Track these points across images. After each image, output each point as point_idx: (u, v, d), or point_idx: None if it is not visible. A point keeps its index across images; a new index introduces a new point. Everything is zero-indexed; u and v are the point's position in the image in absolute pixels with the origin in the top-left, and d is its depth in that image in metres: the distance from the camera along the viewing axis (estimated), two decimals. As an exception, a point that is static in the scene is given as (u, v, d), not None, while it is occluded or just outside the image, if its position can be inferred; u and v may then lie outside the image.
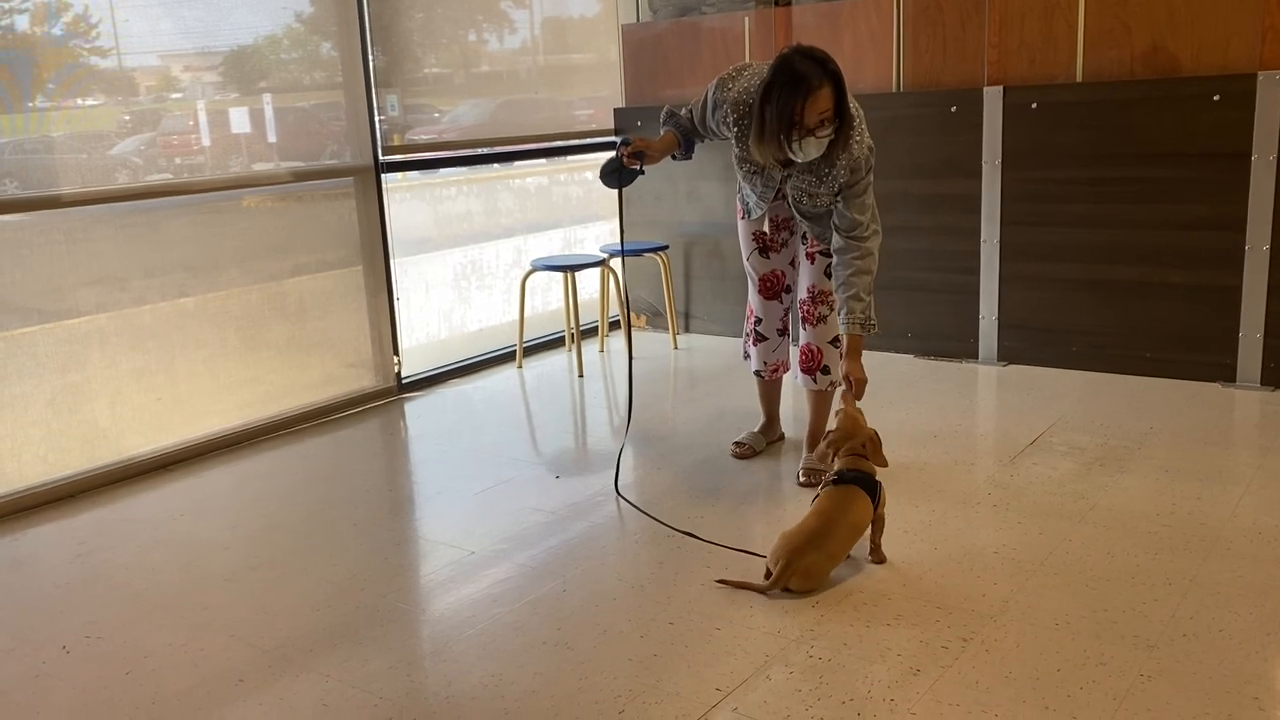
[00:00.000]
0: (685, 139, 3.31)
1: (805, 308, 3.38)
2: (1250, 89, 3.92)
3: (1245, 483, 3.16)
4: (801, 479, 3.38)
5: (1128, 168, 4.21)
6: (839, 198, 3.09)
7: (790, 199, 3.20)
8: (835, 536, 2.63)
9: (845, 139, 2.96)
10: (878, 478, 2.77)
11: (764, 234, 3.41)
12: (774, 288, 3.47)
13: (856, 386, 3.02)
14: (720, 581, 2.66)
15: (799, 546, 2.59)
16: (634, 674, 2.29)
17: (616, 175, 3.29)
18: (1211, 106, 4.01)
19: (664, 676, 2.27)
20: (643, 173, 3.30)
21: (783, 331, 3.54)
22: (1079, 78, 4.33)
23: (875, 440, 2.82)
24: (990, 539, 2.87)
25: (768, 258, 3.44)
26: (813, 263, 3.34)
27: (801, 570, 2.58)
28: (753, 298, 3.53)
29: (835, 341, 3.36)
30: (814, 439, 3.49)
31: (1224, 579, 2.57)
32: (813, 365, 3.40)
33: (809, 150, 2.94)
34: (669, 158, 3.34)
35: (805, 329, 3.40)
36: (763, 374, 3.60)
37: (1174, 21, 4.10)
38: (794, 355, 3.66)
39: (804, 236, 3.37)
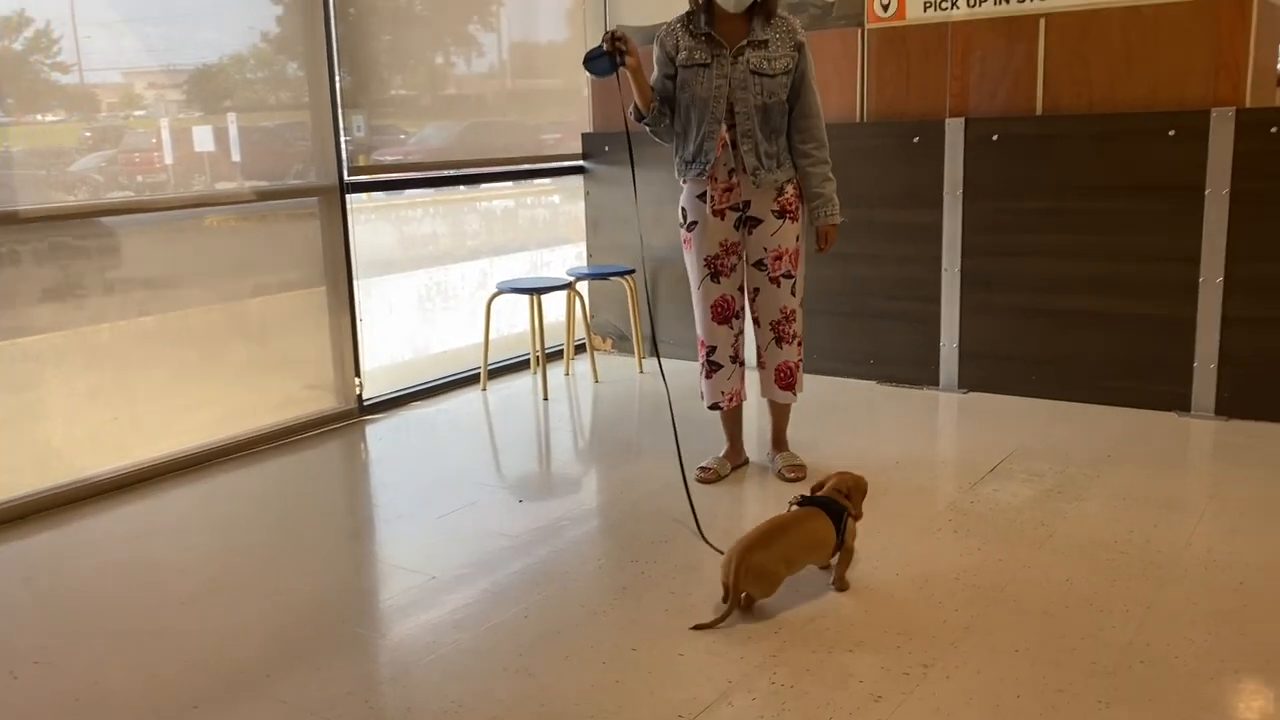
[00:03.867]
0: (660, 99, 3.45)
1: (780, 328, 3.51)
2: (1204, 125, 4.01)
3: (1200, 511, 3.21)
4: (789, 475, 3.57)
5: (1086, 200, 4.29)
6: (794, 83, 3.37)
7: (748, 67, 3.31)
8: (786, 539, 2.64)
9: None
10: (853, 518, 2.80)
11: (714, 259, 3.46)
12: (725, 313, 3.52)
13: (832, 241, 3.49)
14: (696, 628, 2.58)
15: (747, 545, 2.60)
16: (596, 700, 2.27)
17: (601, 60, 3.37)
18: (1166, 141, 4.10)
19: (626, 703, 2.26)
20: (622, 64, 3.35)
21: (735, 358, 3.58)
22: (1039, 111, 4.41)
23: (862, 487, 2.86)
24: (951, 565, 2.89)
25: (718, 283, 3.49)
26: (778, 286, 3.47)
27: (752, 569, 2.57)
28: (702, 328, 3.57)
29: (799, 352, 3.59)
30: (779, 440, 3.71)
31: (1180, 606, 2.61)
32: (790, 381, 3.58)
33: None
34: (646, 120, 3.45)
35: (782, 347, 3.53)
36: (720, 405, 3.63)
37: (1130, 58, 4.20)
38: (753, 380, 3.69)
39: (761, 264, 3.45)
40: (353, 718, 2.24)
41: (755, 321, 3.56)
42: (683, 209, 3.51)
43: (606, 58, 3.36)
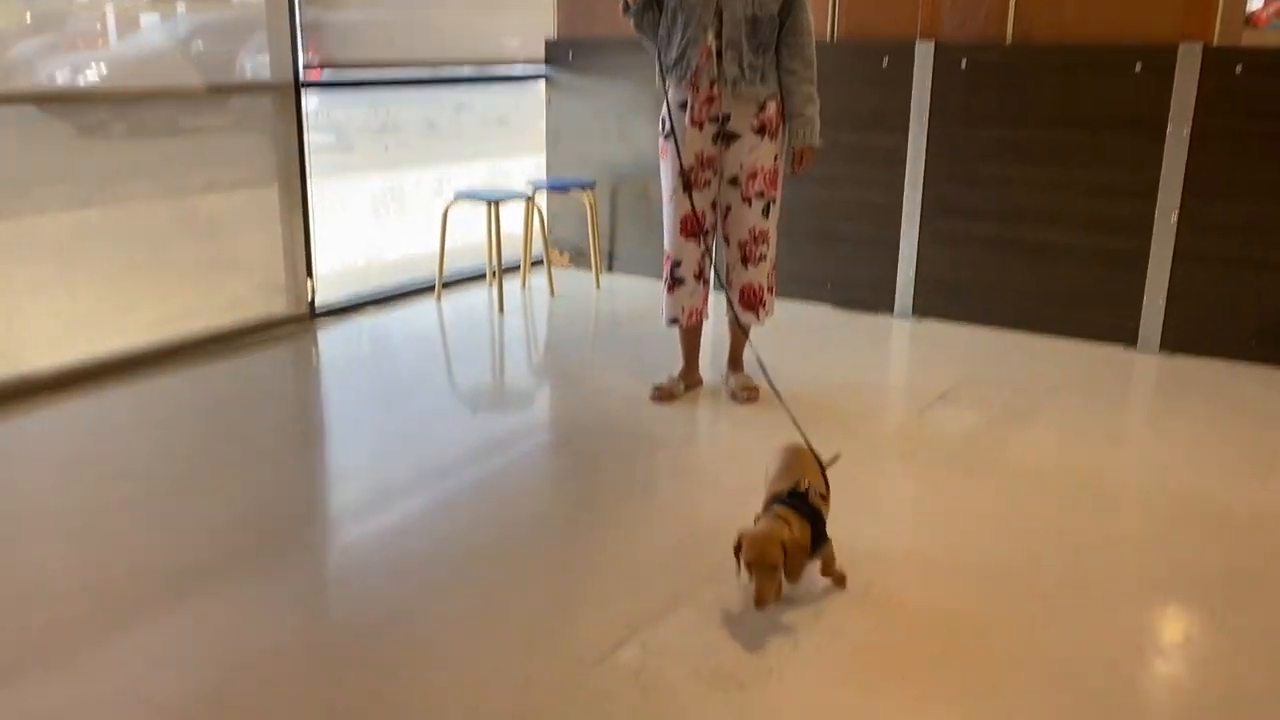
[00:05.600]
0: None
1: (748, 248, 3.47)
2: (1170, 60, 4.01)
3: (1139, 443, 3.29)
4: (742, 396, 3.58)
5: (1050, 130, 4.29)
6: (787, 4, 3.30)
7: None
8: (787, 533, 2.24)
9: None
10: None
11: (689, 170, 3.40)
12: (694, 228, 3.48)
13: (807, 164, 3.47)
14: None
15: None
16: (545, 608, 2.30)
17: None
18: (1133, 75, 4.09)
19: (575, 611, 2.29)
20: None
21: (699, 276, 3.55)
22: (1009, 39, 4.37)
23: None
24: (896, 488, 2.95)
25: (690, 196, 3.44)
26: (750, 205, 3.43)
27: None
28: (670, 241, 3.54)
29: (770, 276, 3.55)
30: (735, 361, 3.72)
31: (1115, 534, 2.69)
32: (754, 301, 3.55)
33: None
34: (631, 11, 3.36)
35: (748, 268, 3.50)
36: (679, 321, 3.61)
37: (1103, -11, 4.17)
38: (716, 301, 3.68)
39: (735, 180, 3.40)
40: (299, 620, 2.25)
41: (725, 240, 3.54)
42: (662, 118, 3.46)
43: None
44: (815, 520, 2.29)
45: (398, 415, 3.48)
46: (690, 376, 3.74)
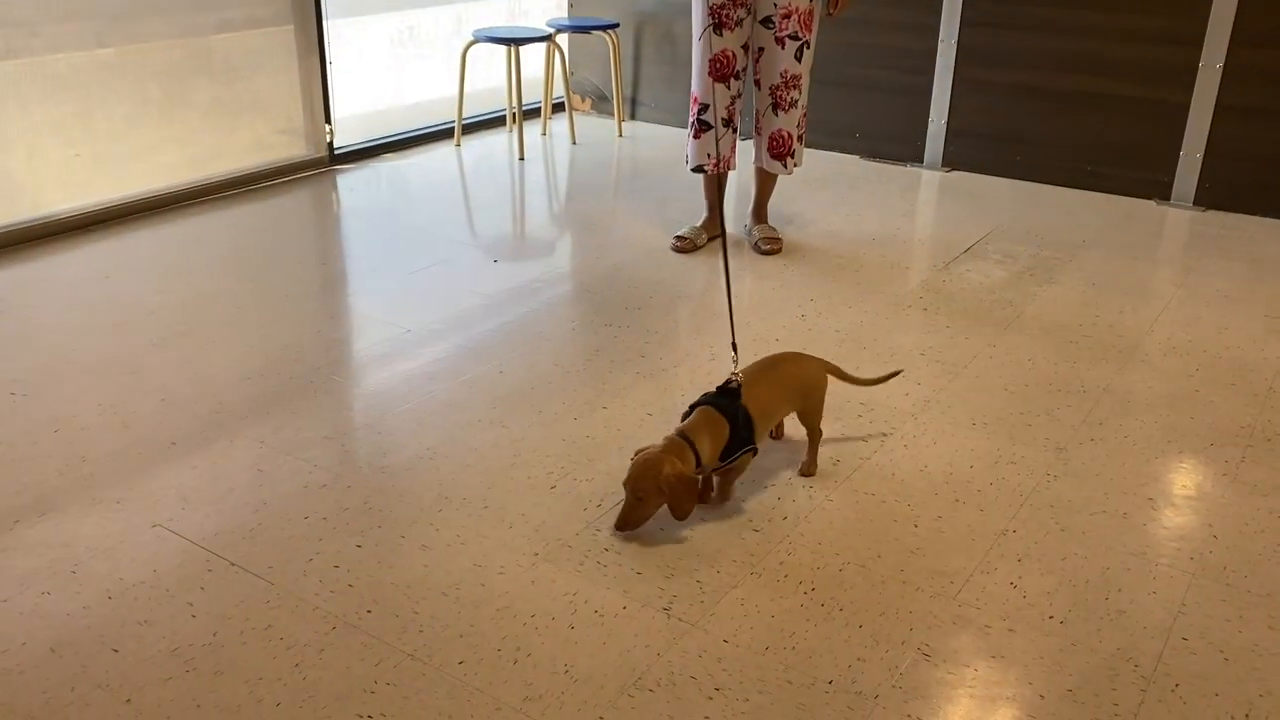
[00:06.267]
0: None
1: (779, 93, 3.38)
2: (1229, -104, 3.79)
3: (1166, 299, 3.25)
4: (765, 248, 3.56)
5: (1095, -27, 4.09)
6: None
7: None
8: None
9: None
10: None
11: (720, 8, 3.28)
12: (724, 70, 3.37)
13: (844, 6, 3.40)
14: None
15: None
16: (566, 453, 2.35)
17: None
18: (1188, -88, 3.87)
19: (596, 456, 2.33)
20: None
21: (728, 122, 3.46)
22: None
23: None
24: (917, 341, 2.94)
25: (720, 35, 3.33)
26: (783, 47, 3.32)
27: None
28: (698, 84, 3.44)
29: (800, 124, 3.46)
30: (760, 211, 3.68)
31: (1135, 389, 2.69)
32: (783, 150, 3.47)
33: None
34: None
35: (779, 114, 3.42)
36: (705, 168, 3.55)
37: None
38: (744, 151, 3.61)
39: (769, 21, 3.29)
40: (329, 459, 2.30)
41: (756, 84, 3.44)
42: None
43: None
44: (738, 423, 2.06)
45: (419, 261, 3.47)
46: (713, 227, 3.70)
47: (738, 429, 2.07)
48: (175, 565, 1.95)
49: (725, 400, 2.09)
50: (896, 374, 2.51)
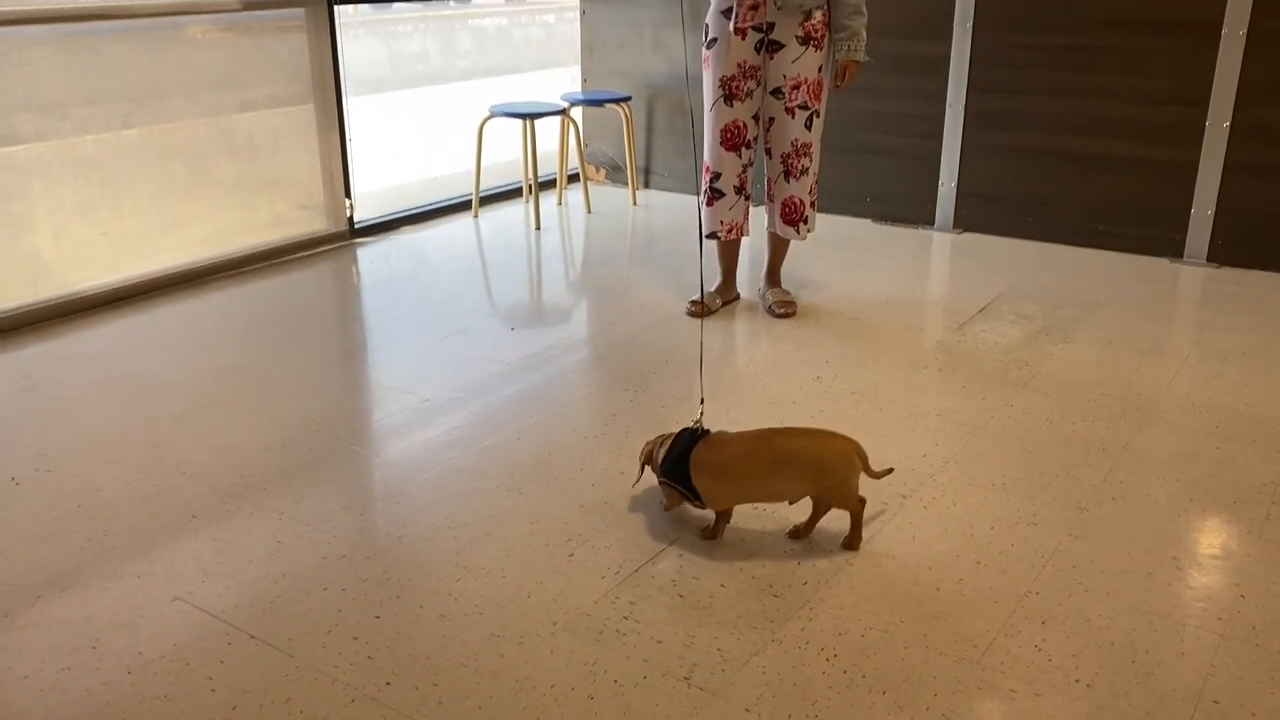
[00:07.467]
0: None
1: (790, 161, 3.45)
2: (1228, -40, 3.86)
3: (1182, 357, 3.25)
4: (779, 311, 3.60)
5: (1098, 35, 4.16)
6: None
7: None
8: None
9: None
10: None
11: (730, 80, 3.35)
12: (735, 139, 3.44)
13: (851, 79, 3.40)
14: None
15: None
16: (584, 520, 2.35)
17: None
18: (1188, -24, 3.94)
19: (614, 522, 2.33)
20: None
21: (740, 189, 3.52)
22: (1058, -61, 4.22)
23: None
24: (934, 402, 2.94)
25: (731, 106, 3.40)
26: (793, 117, 3.39)
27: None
28: (710, 153, 3.50)
29: (812, 190, 3.51)
30: (774, 275, 3.72)
31: (1154, 447, 2.68)
32: (796, 216, 3.52)
33: None
34: None
35: (790, 182, 3.47)
36: (718, 235, 3.60)
37: (1159, -116, 3.99)
38: (756, 216, 3.65)
39: (778, 92, 3.35)
40: (347, 530, 2.31)
41: (767, 152, 3.50)
42: (706, 25, 3.40)
43: None
44: (683, 457, 2.18)
45: (438, 331, 3.51)
46: (727, 291, 3.74)
47: (682, 465, 2.20)
48: (195, 639, 1.95)
49: (688, 432, 2.26)
50: (889, 471, 2.34)
